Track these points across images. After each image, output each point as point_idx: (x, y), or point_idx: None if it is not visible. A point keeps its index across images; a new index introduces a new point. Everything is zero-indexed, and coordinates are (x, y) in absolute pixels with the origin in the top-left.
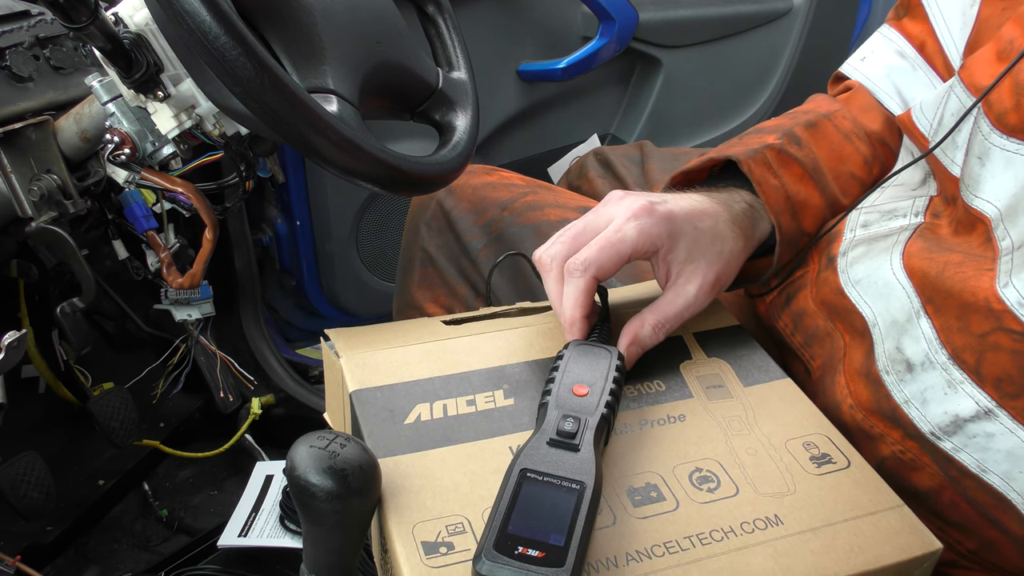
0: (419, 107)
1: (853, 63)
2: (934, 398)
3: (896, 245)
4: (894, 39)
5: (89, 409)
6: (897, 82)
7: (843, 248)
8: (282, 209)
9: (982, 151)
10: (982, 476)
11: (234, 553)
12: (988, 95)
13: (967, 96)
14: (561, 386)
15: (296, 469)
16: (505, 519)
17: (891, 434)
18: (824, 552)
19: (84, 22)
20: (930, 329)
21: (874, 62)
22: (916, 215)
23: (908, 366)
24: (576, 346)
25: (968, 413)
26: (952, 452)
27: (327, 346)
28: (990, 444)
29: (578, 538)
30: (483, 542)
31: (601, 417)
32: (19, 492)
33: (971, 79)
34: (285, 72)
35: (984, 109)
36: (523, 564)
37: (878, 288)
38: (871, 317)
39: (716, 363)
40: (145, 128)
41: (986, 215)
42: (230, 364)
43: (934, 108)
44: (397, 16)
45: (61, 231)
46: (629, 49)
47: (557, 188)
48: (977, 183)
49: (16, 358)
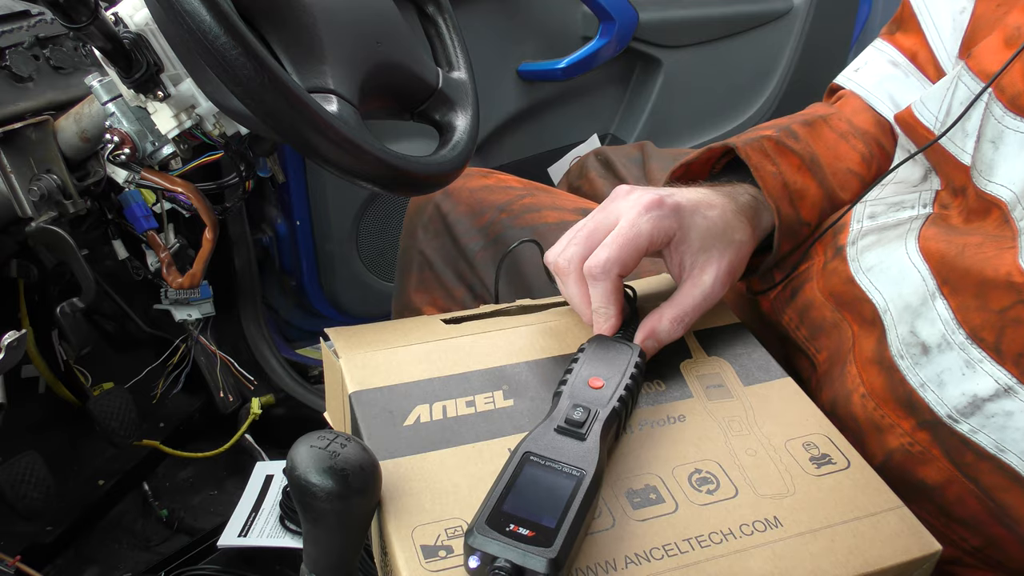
0: (419, 107)
1: (847, 74)
2: (951, 380)
3: (911, 232)
4: (886, 50)
5: (89, 409)
6: (890, 89)
7: (851, 238)
8: (282, 209)
9: (995, 135)
10: (1000, 456)
11: (234, 553)
12: (999, 79)
13: (976, 83)
14: (577, 377)
15: (296, 469)
16: (501, 497)
17: (902, 424)
18: (823, 554)
19: (84, 22)
20: (946, 310)
21: (867, 72)
22: (924, 206)
23: (924, 349)
24: (599, 341)
25: (987, 392)
26: (969, 434)
27: (327, 346)
28: (1009, 423)
29: (569, 523)
30: (476, 517)
31: (612, 411)
32: (19, 492)
33: (979, 66)
34: (285, 72)
35: (996, 94)
36: (511, 540)
37: (891, 274)
38: (882, 304)
39: (717, 362)
40: (145, 128)
41: (1002, 199)
42: (230, 364)
43: (939, 100)
44: (397, 16)
45: (61, 231)
46: (629, 49)
47: (554, 190)
48: (991, 168)
49: (16, 358)
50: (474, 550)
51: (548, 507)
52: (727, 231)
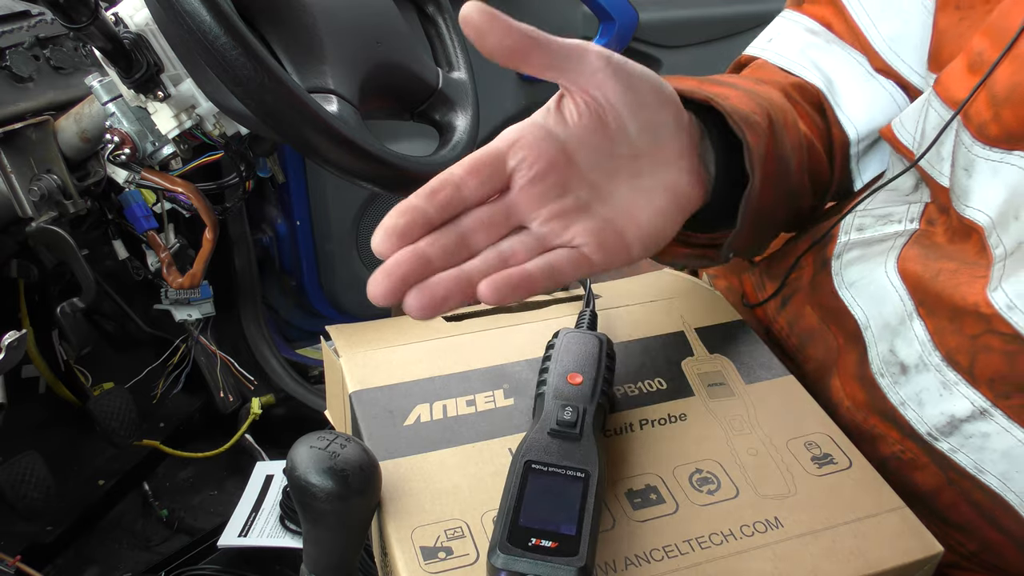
0: (419, 107)
1: (760, 45)
2: (929, 399)
3: (892, 250)
4: (800, 20)
5: (89, 409)
6: (814, 57)
7: (837, 251)
8: (282, 209)
9: (967, 163)
10: (979, 477)
11: (234, 553)
12: (966, 108)
13: (945, 109)
14: (556, 376)
15: (296, 469)
16: (515, 512)
17: (891, 434)
18: (824, 556)
19: (84, 22)
20: (923, 331)
21: (784, 41)
22: (911, 221)
23: (902, 368)
24: (565, 335)
25: (964, 413)
26: (949, 453)
27: (327, 345)
28: (986, 444)
29: (589, 527)
30: (496, 536)
31: (598, 405)
32: (19, 492)
33: (947, 93)
34: (285, 72)
35: (963, 122)
36: (538, 555)
37: (871, 291)
38: (863, 320)
39: (718, 360)
40: (145, 128)
41: (979, 224)
42: (230, 364)
43: (914, 121)
44: (397, 16)
45: (61, 231)
46: (629, 49)
47: None
48: (966, 193)
49: (16, 358)
50: (499, 571)
51: (564, 514)
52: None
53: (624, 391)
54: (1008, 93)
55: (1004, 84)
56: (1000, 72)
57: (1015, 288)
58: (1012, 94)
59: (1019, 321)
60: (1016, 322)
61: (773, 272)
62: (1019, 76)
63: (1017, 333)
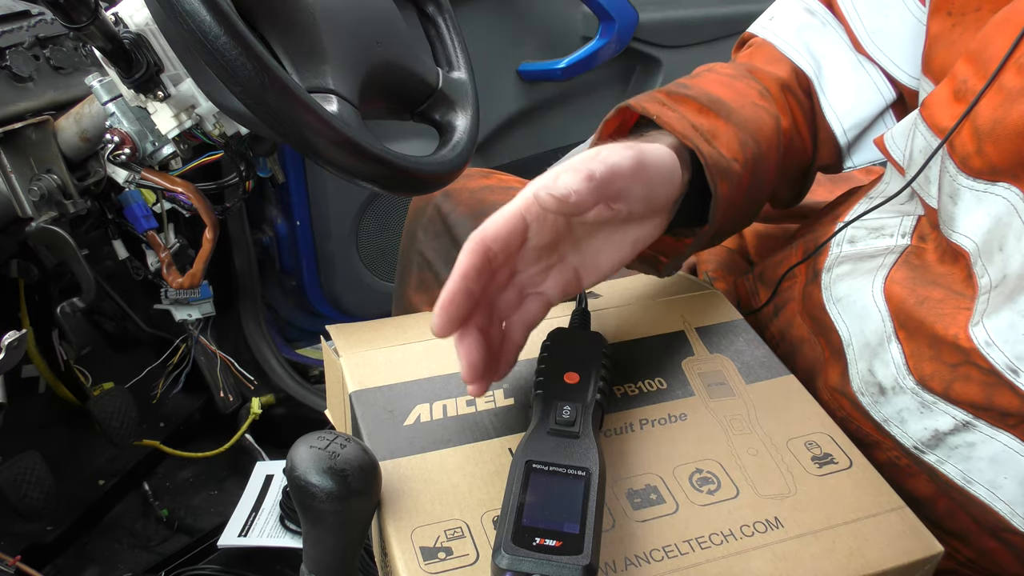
0: (419, 107)
1: (762, 23)
2: (911, 417)
3: (881, 268)
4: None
5: (89, 409)
6: (807, 39)
7: (828, 263)
8: (282, 209)
9: (952, 191)
10: (967, 488)
11: (234, 553)
12: (952, 138)
13: (931, 136)
14: (552, 375)
15: (296, 469)
16: (519, 512)
17: (885, 441)
18: (824, 556)
19: (84, 22)
20: (899, 355)
21: (783, 20)
22: (904, 236)
23: (880, 389)
24: (557, 334)
25: (947, 427)
26: (937, 465)
27: (327, 344)
28: (973, 453)
29: (592, 525)
30: (500, 537)
31: (596, 403)
32: (19, 492)
33: (932, 119)
34: (285, 72)
35: (948, 151)
36: (542, 554)
37: (855, 309)
38: (847, 337)
39: (718, 359)
40: (145, 128)
41: (965, 249)
42: (230, 364)
43: (904, 140)
44: (397, 16)
45: (61, 231)
46: (629, 49)
47: None
48: (952, 219)
49: (16, 358)
50: (504, 571)
51: (566, 513)
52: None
53: (624, 391)
54: (991, 127)
55: (987, 118)
56: (984, 105)
57: (995, 325)
58: (995, 129)
59: (996, 358)
60: (994, 359)
61: (767, 279)
62: (1001, 110)
63: (993, 368)
